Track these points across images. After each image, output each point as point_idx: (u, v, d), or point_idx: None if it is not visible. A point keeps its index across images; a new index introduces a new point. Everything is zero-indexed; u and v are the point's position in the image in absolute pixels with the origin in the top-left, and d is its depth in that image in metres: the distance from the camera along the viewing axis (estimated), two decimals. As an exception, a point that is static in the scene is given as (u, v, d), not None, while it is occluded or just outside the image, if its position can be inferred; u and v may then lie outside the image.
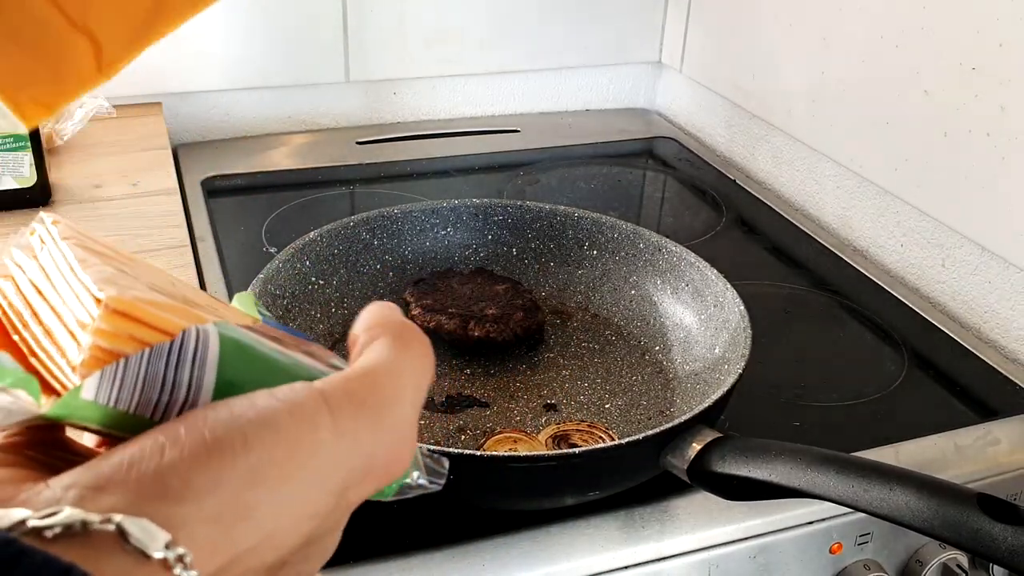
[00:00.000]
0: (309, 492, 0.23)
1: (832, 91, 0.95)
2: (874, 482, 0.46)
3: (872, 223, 0.92)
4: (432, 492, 0.28)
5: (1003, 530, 0.42)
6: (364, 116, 1.16)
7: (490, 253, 0.79)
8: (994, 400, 0.72)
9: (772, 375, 0.71)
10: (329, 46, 1.09)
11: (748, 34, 1.07)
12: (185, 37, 1.02)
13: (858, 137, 0.92)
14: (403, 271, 0.77)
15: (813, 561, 0.60)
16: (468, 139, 1.14)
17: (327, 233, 0.73)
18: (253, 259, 0.83)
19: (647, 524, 0.57)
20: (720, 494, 0.53)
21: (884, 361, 0.75)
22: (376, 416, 0.25)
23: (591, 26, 1.19)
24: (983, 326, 0.81)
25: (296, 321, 0.68)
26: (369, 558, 0.53)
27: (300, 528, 0.23)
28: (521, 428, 0.63)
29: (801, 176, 1.02)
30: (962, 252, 0.82)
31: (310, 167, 1.04)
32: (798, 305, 0.83)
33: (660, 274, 0.74)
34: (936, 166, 0.83)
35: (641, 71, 1.26)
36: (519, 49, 1.18)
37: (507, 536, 0.55)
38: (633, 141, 1.17)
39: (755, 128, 1.09)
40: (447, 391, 0.66)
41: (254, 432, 0.22)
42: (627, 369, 0.70)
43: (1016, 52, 0.74)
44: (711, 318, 0.69)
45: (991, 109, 0.76)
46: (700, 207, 1.01)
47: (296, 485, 0.23)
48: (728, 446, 0.52)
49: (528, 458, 0.54)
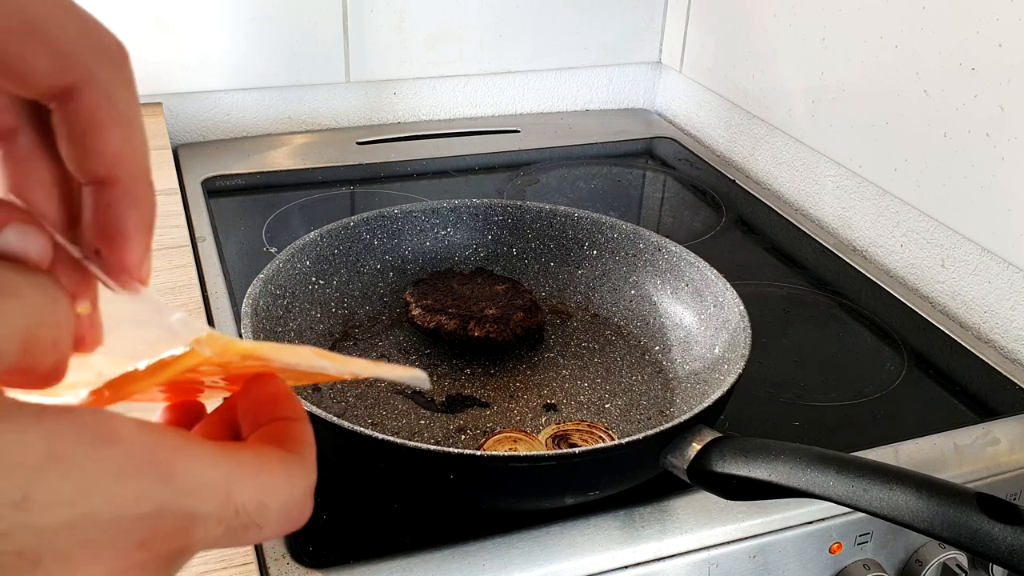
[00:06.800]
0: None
1: (832, 91, 0.95)
2: (874, 482, 0.46)
3: (872, 223, 0.92)
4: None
5: (1002, 530, 0.42)
6: (364, 116, 1.16)
7: (490, 253, 0.79)
8: (994, 400, 0.72)
9: (772, 375, 0.72)
10: (329, 46, 1.09)
11: (748, 34, 1.07)
12: (186, 37, 1.02)
13: (858, 137, 0.92)
14: (403, 271, 0.77)
15: (813, 561, 0.60)
16: (468, 139, 1.14)
17: (327, 233, 0.73)
18: (253, 259, 0.83)
19: (647, 524, 0.57)
20: (720, 494, 0.53)
21: (884, 361, 0.75)
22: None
23: (591, 26, 1.20)
24: (982, 326, 0.81)
25: (296, 321, 0.68)
26: (369, 558, 0.53)
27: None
28: (521, 428, 0.63)
29: (801, 176, 1.02)
30: (962, 252, 0.82)
31: (310, 167, 1.04)
32: (798, 305, 0.83)
33: (660, 274, 0.74)
34: (936, 166, 0.83)
35: (641, 71, 1.26)
36: (519, 49, 1.18)
37: (507, 536, 0.55)
38: (633, 141, 1.17)
39: (755, 128, 1.09)
40: (447, 391, 0.66)
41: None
42: (627, 369, 0.70)
43: (1016, 52, 0.74)
44: (711, 318, 0.69)
45: (991, 109, 0.77)
46: (700, 207, 1.01)
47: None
48: (728, 446, 0.52)
49: (528, 458, 0.54)
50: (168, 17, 1.01)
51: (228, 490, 0.22)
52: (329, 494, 0.56)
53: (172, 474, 0.21)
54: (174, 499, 0.21)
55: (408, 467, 0.53)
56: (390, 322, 0.74)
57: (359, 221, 0.75)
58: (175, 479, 0.21)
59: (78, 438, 0.20)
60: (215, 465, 0.22)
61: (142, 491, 0.21)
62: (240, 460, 0.23)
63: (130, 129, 0.24)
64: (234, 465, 0.23)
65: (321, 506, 0.56)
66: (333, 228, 0.73)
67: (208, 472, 0.22)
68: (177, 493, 0.21)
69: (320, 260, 0.72)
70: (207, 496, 0.22)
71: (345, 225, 0.74)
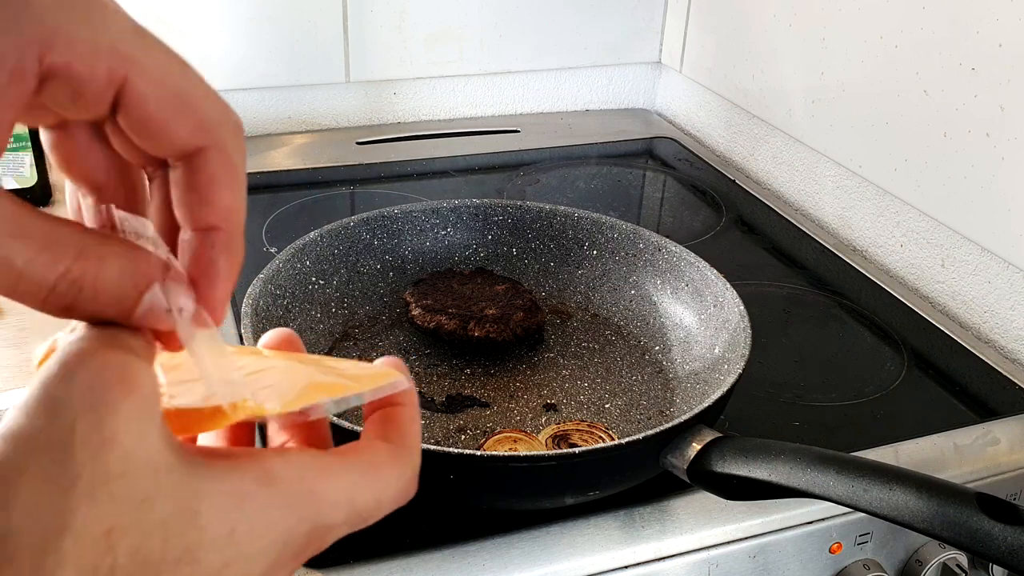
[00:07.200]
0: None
1: (832, 91, 0.95)
2: (874, 482, 0.46)
3: (872, 223, 0.92)
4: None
5: (1002, 530, 0.42)
6: (364, 116, 1.16)
7: (490, 253, 0.79)
8: (994, 400, 0.72)
9: (772, 375, 0.72)
10: (329, 46, 1.09)
11: (748, 34, 1.07)
12: (185, 37, 1.02)
13: (858, 137, 0.92)
14: (403, 271, 0.77)
15: (813, 561, 0.60)
16: (468, 139, 1.14)
17: (327, 233, 0.73)
18: (253, 259, 0.83)
19: (647, 524, 0.57)
20: (720, 494, 0.53)
21: (884, 361, 0.75)
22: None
23: (591, 26, 1.20)
24: (982, 326, 0.81)
25: (296, 321, 0.68)
26: (369, 558, 0.53)
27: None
28: (521, 428, 0.63)
29: (801, 176, 1.02)
30: (962, 252, 0.82)
31: (310, 167, 1.04)
32: (798, 305, 0.83)
33: (660, 274, 0.74)
34: (936, 166, 0.83)
35: (641, 71, 1.26)
36: (519, 49, 1.18)
37: (507, 536, 0.55)
38: (633, 141, 1.17)
39: (755, 128, 1.09)
40: (447, 391, 0.66)
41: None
42: (627, 369, 0.70)
43: (1016, 52, 0.74)
44: (711, 318, 0.69)
45: (991, 109, 0.77)
46: (700, 207, 1.01)
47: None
48: (728, 446, 0.52)
49: (528, 458, 0.54)
50: (168, 17, 1.01)
51: (353, 498, 0.27)
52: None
53: (317, 497, 0.26)
54: (320, 516, 0.26)
55: (408, 467, 0.53)
56: (390, 322, 0.74)
57: (359, 221, 0.75)
58: (320, 501, 0.26)
59: (256, 482, 0.25)
60: (342, 479, 0.27)
61: (301, 516, 0.26)
62: (359, 467, 0.28)
63: (241, 190, 0.28)
64: (356, 475, 0.28)
65: (321, 506, 0.56)
66: (333, 228, 0.73)
67: (339, 487, 0.27)
68: (322, 512, 0.27)
69: (320, 260, 0.72)
70: (341, 509, 0.27)
71: (345, 225, 0.74)
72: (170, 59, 0.26)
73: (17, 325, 0.69)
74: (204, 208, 0.27)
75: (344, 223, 0.74)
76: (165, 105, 0.26)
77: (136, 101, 0.25)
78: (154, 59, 0.26)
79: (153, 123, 0.26)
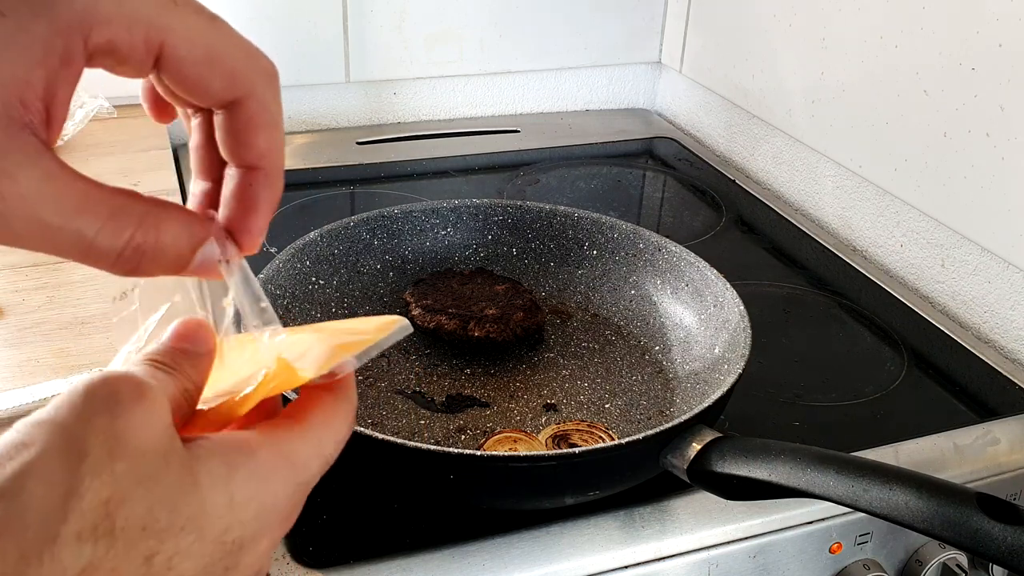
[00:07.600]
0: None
1: (832, 91, 0.95)
2: (874, 482, 0.46)
3: (872, 223, 0.92)
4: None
5: (1002, 530, 0.42)
6: (364, 116, 1.16)
7: (490, 253, 0.79)
8: (993, 400, 0.72)
9: (772, 375, 0.72)
10: (329, 46, 1.09)
11: (748, 34, 1.07)
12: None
13: (858, 137, 0.92)
14: (403, 271, 0.77)
15: (813, 561, 0.60)
16: (468, 139, 1.14)
17: (327, 233, 0.73)
18: (253, 259, 0.82)
19: (647, 524, 0.57)
20: (720, 494, 0.53)
21: (884, 361, 0.75)
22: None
23: (591, 26, 1.20)
24: (982, 326, 0.81)
25: (296, 321, 0.68)
26: (369, 558, 0.53)
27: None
28: (521, 428, 0.63)
29: (801, 176, 1.02)
30: (961, 252, 0.82)
31: (310, 167, 1.04)
32: (798, 305, 0.83)
33: (660, 274, 0.74)
34: (936, 166, 0.83)
35: (641, 71, 1.26)
36: (519, 49, 1.18)
37: (507, 536, 0.55)
38: (633, 141, 1.17)
39: (755, 128, 1.09)
40: (447, 391, 0.66)
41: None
42: (627, 369, 0.70)
43: (1016, 52, 0.74)
44: (711, 318, 0.69)
45: (991, 109, 0.77)
46: (700, 207, 1.01)
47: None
48: (728, 446, 0.52)
49: (528, 458, 0.54)
50: (168, 17, 1.01)
51: (320, 452, 0.31)
52: (329, 494, 0.57)
53: (295, 461, 0.30)
54: (296, 475, 0.30)
55: (408, 467, 0.53)
56: (390, 322, 0.74)
57: (359, 221, 0.75)
58: (295, 464, 0.30)
59: (240, 453, 0.28)
60: (308, 439, 0.30)
61: (287, 479, 0.29)
62: (317, 423, 0.31)
63: (277, 132, 0.31)
64: (319, 430, 0.31)
65: (321, 506, 0.56)
66: (333, 228, 0.73)
67: (308, 447, 0.30)
68: (297, 471, 0.30)
69: (320, 260, 0.72)
70: (314, 465, 0.31)
71: (345, 225, 0.74)
72: (200, 18, 0.29)
73: (17, 325, 0.69)
74: (243, 150, 0.31)
75: (344, 223, 0.74)
76: (198, 64, 0.29)
77: (173, 64, 0.29)
78: (184, 23, 0.28)
79: (190, 81, 0.29)
